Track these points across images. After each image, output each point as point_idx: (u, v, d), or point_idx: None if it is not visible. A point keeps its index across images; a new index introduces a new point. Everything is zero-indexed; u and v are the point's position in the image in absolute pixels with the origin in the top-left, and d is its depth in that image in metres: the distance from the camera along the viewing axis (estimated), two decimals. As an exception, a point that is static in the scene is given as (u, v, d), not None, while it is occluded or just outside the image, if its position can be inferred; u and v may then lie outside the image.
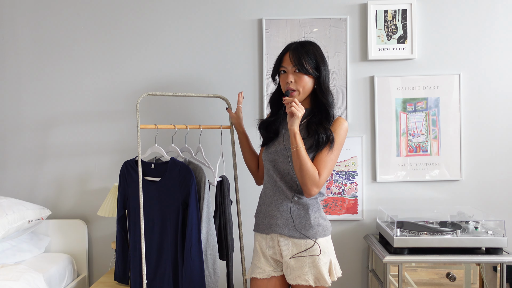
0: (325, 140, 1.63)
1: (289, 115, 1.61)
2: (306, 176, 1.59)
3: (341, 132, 1.68)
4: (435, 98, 2.34)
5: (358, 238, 2.40)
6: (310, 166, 1.60)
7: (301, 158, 1.58)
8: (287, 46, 1.72)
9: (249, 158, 1.97)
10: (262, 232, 1.75)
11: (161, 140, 2.21)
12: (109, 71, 2.41)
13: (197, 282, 1.81)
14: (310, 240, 1.66)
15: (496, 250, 2.00)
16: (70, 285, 2.26)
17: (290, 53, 1.67)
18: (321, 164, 1.63)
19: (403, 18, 2.33)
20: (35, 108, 2.44)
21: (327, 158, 1.63)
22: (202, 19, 2.39)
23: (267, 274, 1.73)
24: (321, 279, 1.65)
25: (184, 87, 2.39)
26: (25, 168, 2.45)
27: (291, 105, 1.58)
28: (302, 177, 1.60)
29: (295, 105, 1.58)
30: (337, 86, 2.35)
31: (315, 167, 1.62)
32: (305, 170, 1.59)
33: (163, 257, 1.90)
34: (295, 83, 1.66)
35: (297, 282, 1.66)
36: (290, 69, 1.66)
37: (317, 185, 1.61)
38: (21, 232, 2.23)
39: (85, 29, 2.41)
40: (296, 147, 1.59)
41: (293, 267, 1.68)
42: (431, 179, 2.35)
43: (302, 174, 1.60)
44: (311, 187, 1.61)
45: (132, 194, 1.96)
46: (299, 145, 1.59)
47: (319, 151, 1.64)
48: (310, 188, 1.61)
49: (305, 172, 1.59)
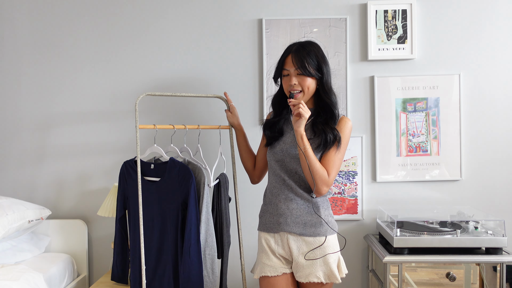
0: (332, 139, 1.65)
1: (295, 117, 1.62)
2: (316, 177, 1.62)
3: (347, 131, 1.71)
4: (435, 98, 2.34)
5: (358, 238, 2.40)
6: (319, 166, 1.63)
7: (310, 159, 1.61)
8: (288, 47, 1.73)
9: (246, 157, 1.98)
10: (270, 231, 1.75)
11: (160, 140, 2.21)
12: (108, 71, 2.42)
13: (195, 282, 1.81)
14: (320, 238, 1.68)
15: (496, 250, 2.00)
16: (70, 285, 2.26)
17: (292, 55, 1.68)
18: (330, 164, 1.66)
19: (403, 18, 2.33)
20: (35, 108, 2.44)
21: (335, 158, 1.66)
22: (202, 19, 2.39)
23: (279, 271, 1.73)
24: (332, 275, 1.66)
25: (184, 87, 2.39)
26: (25, 168, 2.45)
27: (298, 107, 1.59)
28: (312, 177, 1.62)
29: (302, 106, 1.59)
30: (337, 86, 2.34)
31: (323, 167, 1.64)
32: (314, 170, 1.61)
33: (163, 257, 1.90)
34: (298, 85, 1.67)
35: (308, 280, 1.67)
36: (293, 72, 1.67)
37: (327, 184, 1.65)
38: (21, 232, 2.24)
39: (84, 29, 2.41)
40: (304, 148, 1.61)
41: (304, 265, 1.68)
42: (431, 179, 2.35)
43: (312, 174, 1.62)
44: (322, 187, 1.64)
45: (132, 194, 1.96)
46: (307, 147, 1.61)
47: (326, 150, 1.66)
48: (321, 188, 1.64)
49: (314, 172, 1.62)
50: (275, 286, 1.72)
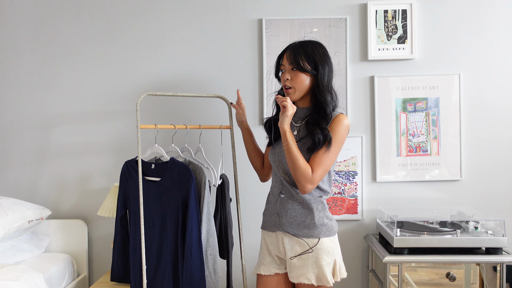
0: (321, 140, 1.62)
1: (281, 113, 1.64)
2: (298, 173, 1.61)
3: (340, 129, 1.65)
4: (435, 98, 2.34)
5: (358, 238, 2.40)
6: (302, 162, 1.61)
7: (292, 155, 1.60)
8: (287, 45, 1.74)
9: (254, 155, 1.97)
10: (268, 230, 1.78)
11: (161, 140, 2.21)
12: (109, 71, 2.41)
13: (198, 282, 1.81)
14: (313, 239, 1.67)
15: (496, 250, 2.00)
16: (70, 285, 2.26)
17: (289, 51, 1.70)
18: (316, 162, 1.63)
19: (403, 18, 2.33)
20: (36, 108, 2.44)
21: (322, 156, 1.63)
22: (202, 19, 2.39)
23: (271, 271, 1.76)
24: (323, 278, 1.65)
25: (184, 87, 2.39)
26: (25, 168, 2.45)
27: (283, 100, 1.62)
28: (294, 174, 1.62)
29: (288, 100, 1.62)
30: (337, 86, 2.34)
31: (307, 163, 1.62)
32: (297, 167, 1.60)
33: (163, 257, 1.90)
34: (291, 80, 1.68)
35: (299, 280, 1.67)
36: (287, 67, 1.69)
37: (310, 181, 1.61)
38: (21, 232, 2.23)
39: (85, 29, 2.41)
40: (287, 144, 1.61)
41: (296, 266, 1.69)
42: (431, 179, 2.35)
43: (294, 171, 1.62)
44: (305, 184, 1.61)
45: (133, 194, 1.96)
46: (290, 143, 1.61)
47: (316, 150, 1.64)
48: (304, 185, 1.61)
49: (297, 169, 1.60)
50: (266, 285, 1.76)
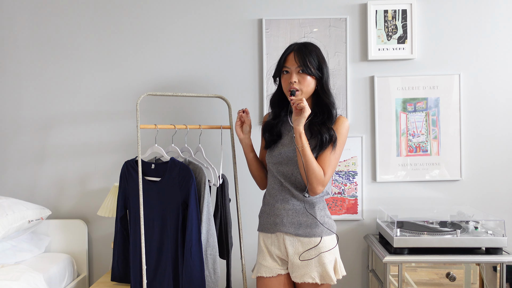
0: (328, 139, 1.65)
1: (295, 114, 1.62)
2: (312, 175, 1.62)
3: (343, 131, 1.71)
4: (435, 98, 2.34)
5: (358, 238, 2.40)
6: (316, 165, 1.63)
7: (307, 157, 1.61)
8: (289, 46, 1.73)
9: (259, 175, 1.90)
10: (267, 231, 1.77)
11: (161, 140, 2.21)
12: (109, 71, 2.41)
13: (197, 282, 1.81)
14: (316, 238, 1.68)
15: (496, 250, 2.00)
16: (70, 285, 2.26)
17: (295, 53, 1.68)
18: (325, 163, 1.66)
19: (403, 18, 2.33)
20: (35, 108, 2.44)
21: (331, 157, 1.66)
22: (202, 19, 2.39)
23: (274, 272, 1.75)
24: (327, 276, 1.67)
25: (184, 87, 2.39)
26: (25, 168, 2.45)
27: (301, 101, 1.58)
28: (308, 176, 1.63)
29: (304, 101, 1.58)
30: (337, 86, 2.35)
31: (319, 166, 1.64)
32: (311, 169, 1.62)
33: (163, 257, 1.90)
34: (298, 83, 1.67)
35: (303, 280, 1.68)
36: (294, 69, 1.68)
37: (322, 183, 1.65)
38: (21, 232, 2.23)
39: (85, 29, 2.41)
40: (301, 146, 1.61)
41: (299, 265, 1.69)
42: (431, 179, 2.35)
43: (308, 173, 1.62)
44: (317, 186, 1.64)
45: (133, 194, 1.96)
46: (305, 145, 1.61)
47: (322, 150, 1.67)
48: (316, 187, 1.64)
49: (311, 171, 1.62)
50: (269, 287, 1.75)
